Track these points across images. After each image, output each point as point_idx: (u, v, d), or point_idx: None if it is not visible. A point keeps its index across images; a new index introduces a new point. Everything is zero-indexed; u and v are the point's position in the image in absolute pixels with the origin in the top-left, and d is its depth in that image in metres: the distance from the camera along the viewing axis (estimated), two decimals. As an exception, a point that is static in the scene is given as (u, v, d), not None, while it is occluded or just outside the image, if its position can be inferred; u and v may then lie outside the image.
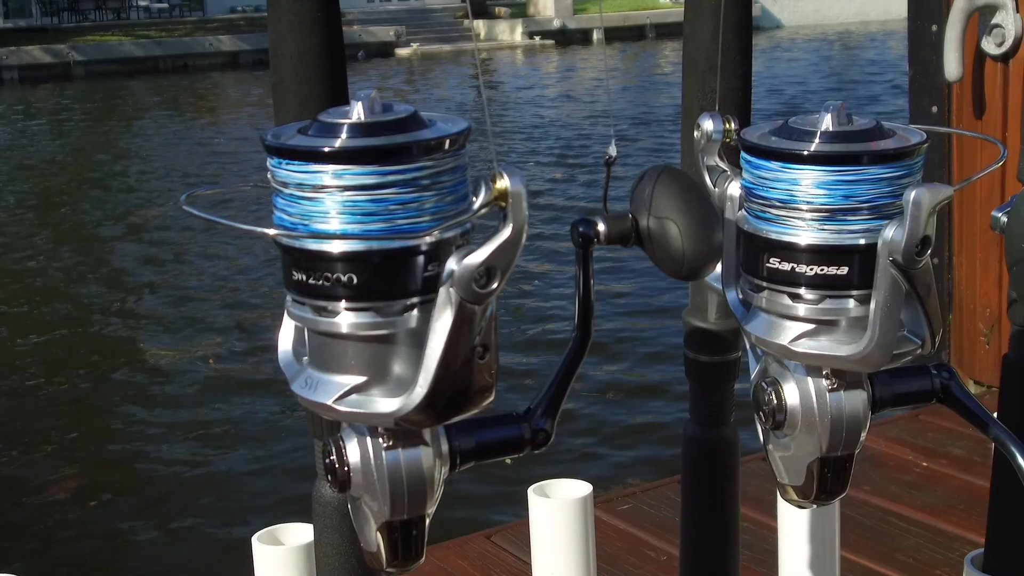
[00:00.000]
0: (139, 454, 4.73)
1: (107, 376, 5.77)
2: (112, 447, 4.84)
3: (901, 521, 2.21)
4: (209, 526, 3.99)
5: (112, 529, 4.07)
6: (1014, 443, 0.87)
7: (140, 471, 4.58)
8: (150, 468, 4.58)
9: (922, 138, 0.79)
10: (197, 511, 4.14)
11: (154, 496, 4.32)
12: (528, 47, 24.50)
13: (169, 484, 4.41)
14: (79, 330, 6.61)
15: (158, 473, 4.53)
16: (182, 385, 5.49)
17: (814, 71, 17.53)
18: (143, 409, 5.27)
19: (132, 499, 4.31)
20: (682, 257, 0.80)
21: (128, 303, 7.08)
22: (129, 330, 6.54)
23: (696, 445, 1.04)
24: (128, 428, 5.06)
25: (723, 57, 0.95)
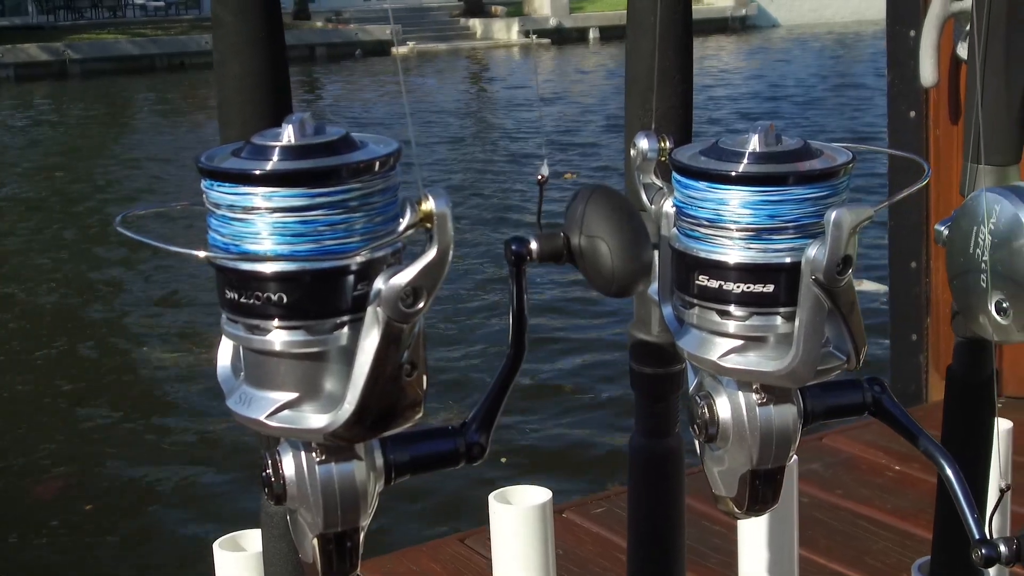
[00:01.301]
0: (114, 457, 4.75)
1: (95, 380, 5.79)
2: (89, 450, 4.85)
3: (871, 524, 2.23)
4: (181, 531, 4.01)
5: (85, 532, 4.09)
6: (943, 456, 0.90)
7: (114, 475, 4.60)
8: (123, 472, 4.60)
9: (848, 158, 0.81)
10: (168, 516, 4.16)
11: (126, 500, 4.34)
12: (524, 46, 24.52)
13: (142, 489, 4.43)
14: (66, 332, 6.62)
15: (131, 477, 4.55)
16: (164, 390, 5.51)
17: (809, 71, 17.52)
18: (120, 414, 5.29)
19: (105, 503, 4.32)
20: (612, 275, 0.82)
21: (116, 305, 7.09)
22: (116, 333, 6.55)
23: (642, 456, 1.06)
24: (103, 432, 5.07)
25: (663, 75, 0.96)
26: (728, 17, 26.90)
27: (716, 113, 13.44)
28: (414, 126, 11.89)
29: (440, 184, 0.73)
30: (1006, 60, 1.04)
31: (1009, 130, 1.05)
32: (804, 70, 17.58)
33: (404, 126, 9.56)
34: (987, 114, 1.05)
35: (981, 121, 1.05)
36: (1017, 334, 1.00)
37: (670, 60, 0.97)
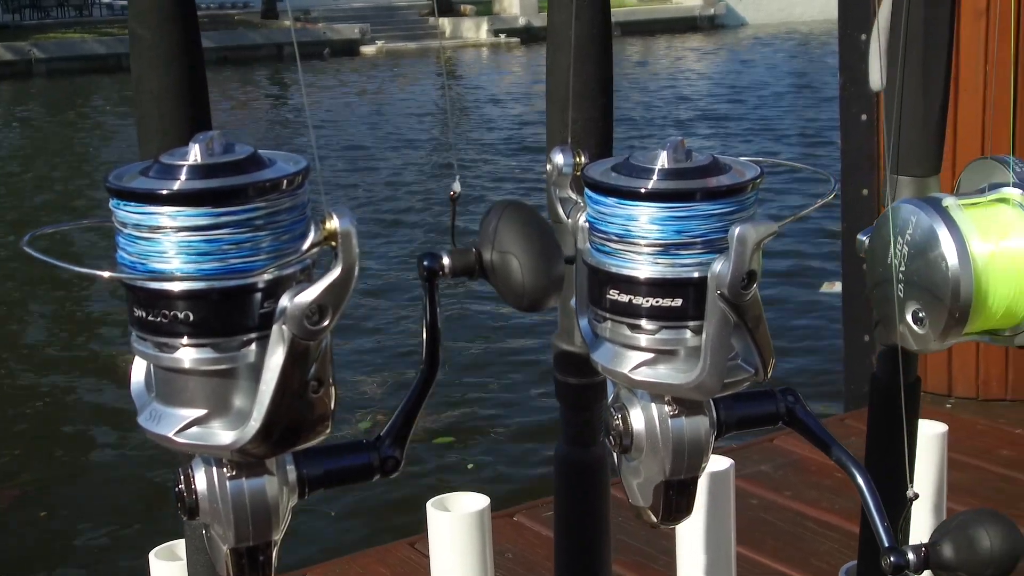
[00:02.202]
0: (73, 464, 4.73)
1: (56, 382, 5.75)
2: (49, 454, 4.82)
3: (819, 526, 2.25)
4: (121, 540, 3.99)
5: (38, 537, 4.08)
6: (854, 465, 0.91)
7: (72, 482, 4.57)
8: (81, 478, 4.58)
9: (756, 173, 0.82)
10: (110, 526, 4.14)
11: (76, 506, 4.32)
12: (493, 45, 24.52)
13: (94, 494, 4.41)
14: (26, 334, 6.57)
15: (86, 482, 4.53)
16: (122, 397, 5.47)
17: (775, 71, 17.56)
18: (81, 419, 5.27)
19: (59, 509, 4.30)
20: (523, 290, 0.83)
21: (80, 308, 7.04)
22: (82, 335, 6.51)
23: (567, 465, 1.07)
24: (65, 438, 5.05)
25: (583, 89, 0.97)
26: (697, 16, 26.98)
27: (683, 114, 13.44)
28: (374, 126, 11.53)
29: (402, 188, 0.74)
30: (923, 74, 1.06)
31: (928, 142, 1.07)
32: (770, 70, 17.61)
33: (371, 125, 9.52)
34: (907, 127, 1.07)
35: (901, 133, 1.07)
36: (934, 343, 1.02)
37: (589, 74, 0.98)
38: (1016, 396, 2.93)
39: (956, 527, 0.87)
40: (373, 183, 9.93)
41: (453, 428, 4.51)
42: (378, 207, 8.93)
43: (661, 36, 25.04)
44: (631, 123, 12.54)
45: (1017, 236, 1.00)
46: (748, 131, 11.79)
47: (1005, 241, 1.00)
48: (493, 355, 5.38)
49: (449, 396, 4.87)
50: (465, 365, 5.29)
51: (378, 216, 8.54)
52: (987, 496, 2.45)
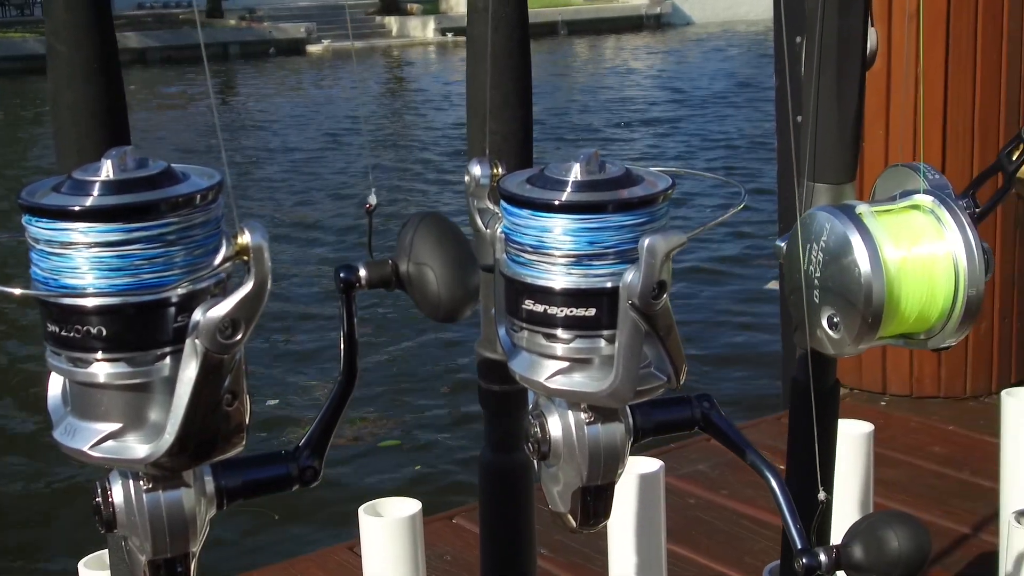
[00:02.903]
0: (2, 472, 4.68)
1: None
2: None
3: (754, 524, 2.28)
4: (53, 549, 3.96)
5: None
6: (768, 468, 0.93)
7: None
8: (11, 484, 4.53)
9: (668, 184, 0.84)
10: (42, 534, 4.11)
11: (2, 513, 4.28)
12: (440, 44, 24.50)
13: (23, 502, 4.37)
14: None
15: (13, 491, 4.49)
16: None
17: (720, 70, 17.67)
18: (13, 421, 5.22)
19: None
20: (438, 301, 0.84)
21: (12, 315, 6.95)
22: (14, 343, 6.42)
23: (491, 470, 1.08)
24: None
25: (502, 101, 0.99)
26: (643, 15, 27.09)
27: (627, 113, 13.49)
28: (313, 128, 11.36)
29: (342, 192, 0.75)
30: (838, 83, 1.08)
31: (843, 150, 1.09)
32: (714, 70, 17.71)
33: (311, 127, 9.42)
34: (822, 135, 1.09)
35: (816, 141, 1.09)
36: (849, 347, 1.04)
37: (509, 86, 0.99)
38: (949, 394, 2.98)
39: (866, 529, 0.89)
40: (310, 187, 9.80)
41: (399, 432, 4.52)
42: (317, 211, 8.85)
43: (608, 35, 25.11)
44: (569, 127, 12.53)
45: (928, 242, 1.03)
46: (689, 133, 11.81)
47: (917, 247, 1.02)
48: (443, 358, 5.39)
49: (396, 399, 4.88)
50: (413, 367, 5.30)
51: (317, 220, 8.48)
52: (919, 493, 2.49)
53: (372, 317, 5.72)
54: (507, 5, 0.98)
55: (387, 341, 5.57)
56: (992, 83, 2.83)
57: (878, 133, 2.87)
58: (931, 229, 1.03)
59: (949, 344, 1.06)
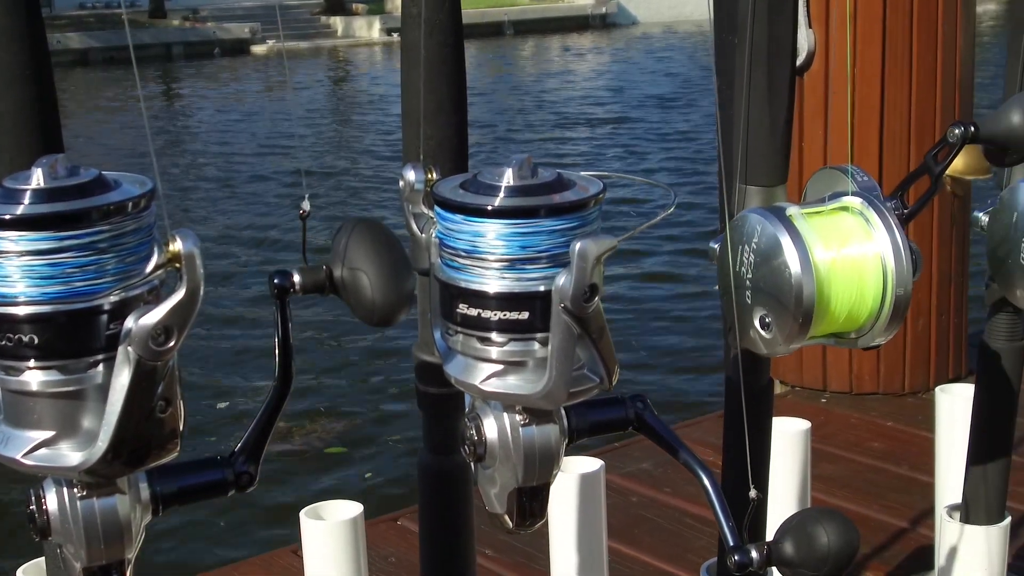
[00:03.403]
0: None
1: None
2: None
3: (696, 522, 2.31)
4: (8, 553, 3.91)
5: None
6: (700, 467, 0.94)
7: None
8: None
9: (599, 188, 0.85)
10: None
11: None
12: (386, 44, 24.43)
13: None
14: None
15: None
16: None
17: (665, 70, 17.73)
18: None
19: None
20: (373, 306, 0.85)
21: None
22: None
23: (430, 472, 1.09)
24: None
25: (437, 106, 1.00)
26: (588, 15, 27.17)
27: (570, 114, 13.50)
28: (256, 130, 11.14)
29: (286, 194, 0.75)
30: (768, 88, 1.10)
31: (774, 153, 1.11)
32: (660, 69, 17.78)
33: (257, 126, 9.30)
34: (753, 138, 1.11)
35: (748, 144, 1.11)
36: (781, 347, 1.06)
37: (443, 92, 1.00)
38: (888, 390, 3.03)
39: (796, 525, 0.90)
40: (250, 192, 9.68)
41: (345, 435, 4.52)
42: (256, 215, 8.78)
43: (554, 35, 25.16)
44: (513, 128, 12.54)
45: (857, 243, 1.05)
46: (633, 134, 11.82)
47: (846, 248, 1.04)
48: (389, 360, 5.38)
49: (341, 404, 4.87)
50: (358, 371, 5.29)
51: (255, 224, 8.41)
52: (858, 488, 2.53)
53: (314, 322, 5.70)
54: (441, 11, 0.99)
55: (331, 346, 5.56)
56: (927, 84, 2.88)
57: (817, 134, 2.90)
58: (860, 230, 1.05)
59: (879, 343, 1.08)
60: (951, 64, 2.90)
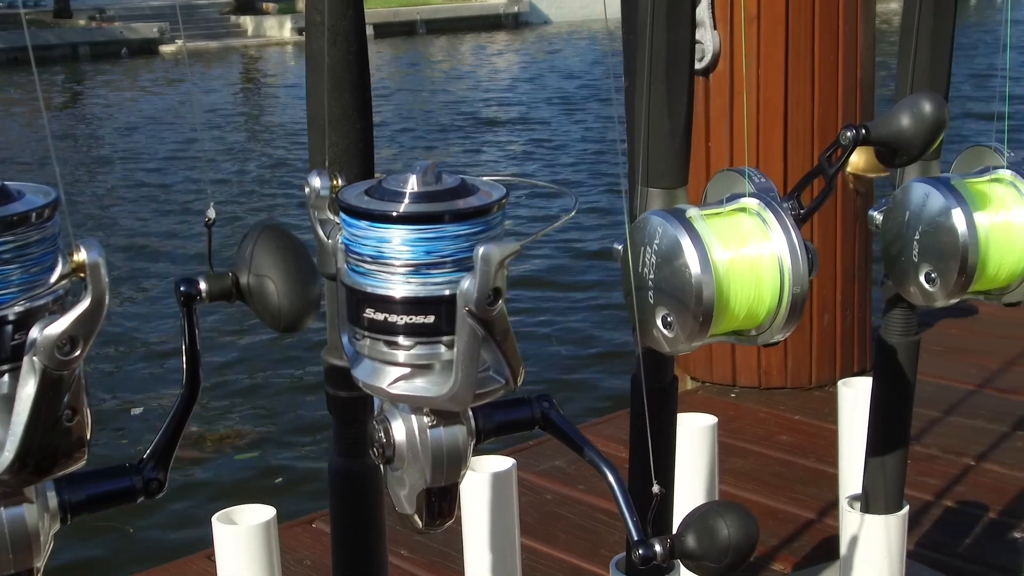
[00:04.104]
0: None
1: None
2: None
3: (608, 518, 2.34)
4: None
5: None
6: (605, 464, 0.97)
7: None
8: None
9: (502, 194, 0.87)
10: None
11: None
12: (298, 43, 24.24)
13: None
14: None
15: None
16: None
17: (576, 69, 17.80)
18: None
19: None
20: (279, 312, 0.86)
21: None
22: None
23: (340, 475, 1.10)
24: None
25: (342, 113, 1.01)
26: (501, 14, 27.23)
27: (482, 114, 13.52)
28: (183, 130, 10.93)
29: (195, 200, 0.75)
30: (668, 92, 1.12)
31: (674, 156, 1.14)
32: (571, 69, 17.85)
33: (164, 130, 9.14)
34: (654, 141, 1.13)
35: (648, 148, 1.14)
36: (683, 345, 1.09)
37: (348, 100, 1.01)
38: (795, 384, 3.09)
39: (698, 519, 0.93)
40: (157, 197, 9.52)
41: (256, 443, 4.50)
42: (162, 222, 8.67)
43: (466, 34, 25.17)
44: (423, 129, 12.52)
45: (755, 243, 1.08)
46: (543, 134, 11.85)
47: (744, 249, 1.07)
48: (299, 367, 5.36)
49: (251, 411, 4.85)
50: (269, 378, 5.26)
51: (162, 231, 8.31)
52: (767, 481, 2.58)
53: (223, 327, 5.67)
54: (344, 19, 1.00)
55: (240, 351, 5.53)
56: (830, 84, 2.94)
57: (722, 134, 2.95)
58: (757, 231, 1.08)
59: (777, 340, 1.11)
60: (852, 64, 2.97)
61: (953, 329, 3.57)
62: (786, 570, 2.18)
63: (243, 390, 5.10)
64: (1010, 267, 1.24)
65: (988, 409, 2.96)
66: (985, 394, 3.08)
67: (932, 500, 2.45)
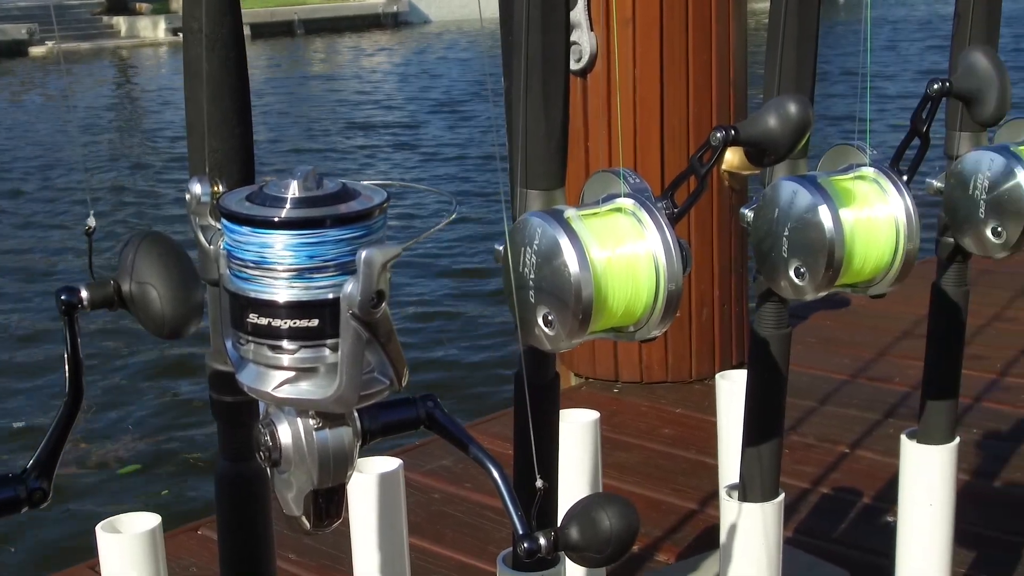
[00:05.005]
0: None
1: None
2: None
3: (496, 514, 2.37)
4: None
5: None
6: (489, 460, 0.99)
7: None
8: None
9: (383, 198, 0.88)
10: None
11: None
12: (172, 44, 23.84)
13: None
14: None
15: None
16: None
17: (454, 71, 17.79)
18: None
19: None
20: (162, 319, 0.86)
21: None
22: None
23: (226, 480, 1.10)
24: None
25: (222, 119, 1.01)
26: (380, 13, 27.12)
27: (362, 117, 13.45)
28: (59, 136, 10.65)
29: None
30: (544, 95, 1.15)
31: (551, 159, 1.16)
32: (451, 70, 17.86)
33: (40, 134, 8.93)
34: (531, 144, 1.16)
35: (527, 150, 1.16)
36: (564, 343, 1.11)
37: (227, 106, 1.01)
38: (676, 378, 3.15)
39: (580, 511, 0.95)
40: (36, 206, 9.27)
41: (141, 453, 4.43)
42: (44, 230, 8.45)
43: (346, 34, 25.01)
44: (303, 135, 12.41)
45: (631, 243, 1.11)
46: (420, 139, 11.81)
47: (620, 248, 1.10)
48: (184, 374, 5.29)
49: (136, 420, 4.77)
50: (154, 387, 5.19)
51: (45, 240, 8.12)
52: (649, 473, 2.63)
53: (106, 335, 5.57)
54: (222, 26, 1.01)
55: (124, 359, 5.44)
56: (704, 85, 3.01)
57: (600, 134, 3.00)
58: (633, 230, 1.11)
59: (654, 335, 1.15)
60: (725, 65, 3.04)
61: (828, 322, 3.68)
62: (669, 560, 2.22)
63: (127, 400, 5.01)
64: (874, 261, 1.29)
65: (861, 398, 3.06)
66: (858, 384, 3.18)
67: (809, 487, 2.53)
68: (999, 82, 1.38)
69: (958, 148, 1.49)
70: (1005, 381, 3.14)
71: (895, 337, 3.45)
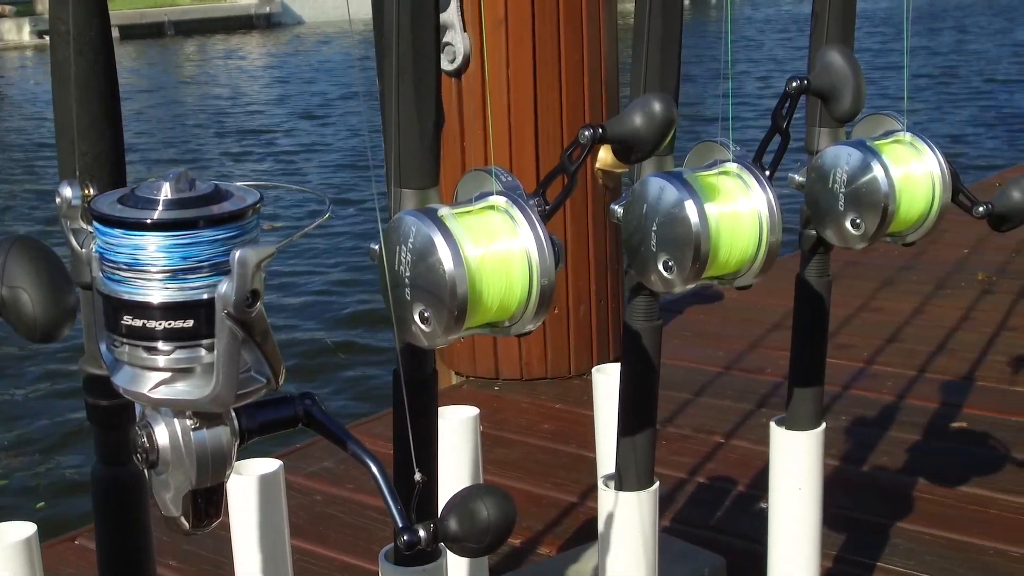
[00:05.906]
0: None
1: None
2: None
3: (379, 514, 2.37)
4: None
5: None
6: (367, 456, 1.00)
7: None
8: None
9: (256, 199, 0.89)
10: None
11: None
12: (38, 47, 23.24)
13: None
14: None
15: None
16: None
17: (327, 73, 17.65)
18: None
19: None
20: (35, 323, 0.86)
21: None
22: None
23: (103, 484, 1.10)
24: None
25: (90, 123, 1.01)
26: (252, 15, 26.80)
27: (235, 118, 13.27)
28: None
29: None
30: (416, 95, 1.16)
31: (424, 158, 1.18)
32: (324, 71, 17.71)
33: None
34: (405, 143, 1.17)
35: (401, 149, 1.17)
36: (441, 338, 1.13)
37: (97, 109, 1.01)
38: (555, 374, 3.19)
39: (459, 503, 0.97)
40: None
41: (12, 466, 4.33)
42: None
43: (217, 36, 24.65)
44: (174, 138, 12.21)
45: (504, 240, 1.13)
46: (293, 140, 11.69)
47: (494, 244, 1.13)
48: (58, 380, 5.18)
49: (5, 429, 4.66)
50: (23, 396, 5.06)
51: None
52: (530, 468, 2.66)
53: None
54: (90, 28, 1.00)
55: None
56: (576, 85, 3.05)
57: (477, 134, 3.02)
58: (506, 227, 1.13)
59: (529, 329, 1.17)
60: (596, 65, 3.09)
61: (701, 316, 3.76)
62: (551, 553, 2.26)
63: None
64: (739, 253, 1.34)
65: (734, 389, 3.14)
66: (732, 375, 3.26)
67: (685, 477, 2.59)
68: (854, 80, 1.44)
69: (818, 143, 1.55)
70: (872, 369, 3.25)
71: (766, 329, 3.54)
